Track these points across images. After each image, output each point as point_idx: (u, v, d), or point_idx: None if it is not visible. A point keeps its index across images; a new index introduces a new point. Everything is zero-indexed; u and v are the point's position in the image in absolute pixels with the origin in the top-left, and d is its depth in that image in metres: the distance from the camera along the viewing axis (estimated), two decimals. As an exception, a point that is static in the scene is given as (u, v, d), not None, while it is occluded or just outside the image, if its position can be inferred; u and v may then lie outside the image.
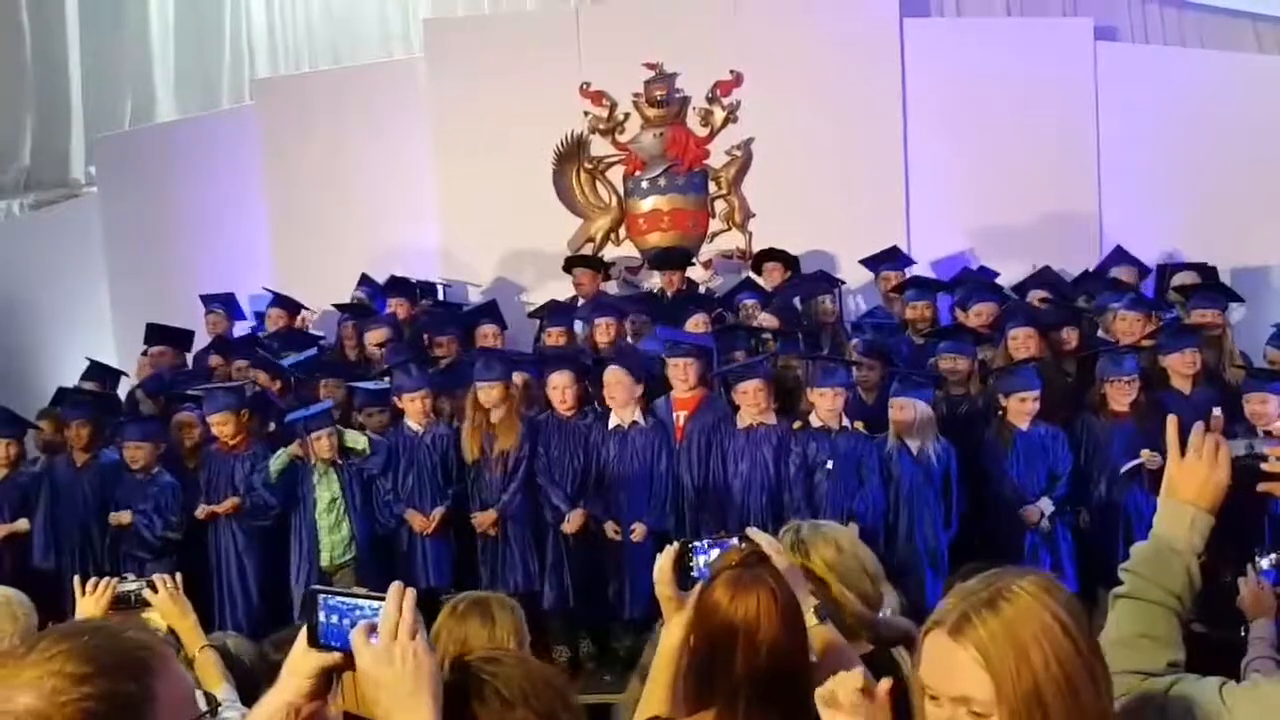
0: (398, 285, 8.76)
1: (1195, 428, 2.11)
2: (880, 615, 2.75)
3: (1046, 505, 6.19)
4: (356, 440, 6.64)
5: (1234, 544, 3.49)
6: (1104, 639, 2.06)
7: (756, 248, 9.14)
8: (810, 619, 2.42)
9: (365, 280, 8.94)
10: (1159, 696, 1.96)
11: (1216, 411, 6.03)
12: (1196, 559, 2.06)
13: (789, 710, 2.28)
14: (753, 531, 2.54)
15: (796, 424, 6.23)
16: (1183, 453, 2.11)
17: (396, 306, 8.57)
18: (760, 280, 8.64)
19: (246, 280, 9.18)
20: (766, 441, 6.24)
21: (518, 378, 6.90)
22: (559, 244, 9.39)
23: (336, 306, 8.72)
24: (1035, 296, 7.79)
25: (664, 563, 2.50)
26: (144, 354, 8.45)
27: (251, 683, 3.26)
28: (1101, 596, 6.11)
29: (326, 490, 6.57)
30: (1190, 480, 2.09)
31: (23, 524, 6.84)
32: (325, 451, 6.54)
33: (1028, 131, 8.92)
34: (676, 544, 2.56)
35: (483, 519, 6.54)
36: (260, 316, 9.00)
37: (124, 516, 6.61)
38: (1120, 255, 8.27)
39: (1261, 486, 2.15)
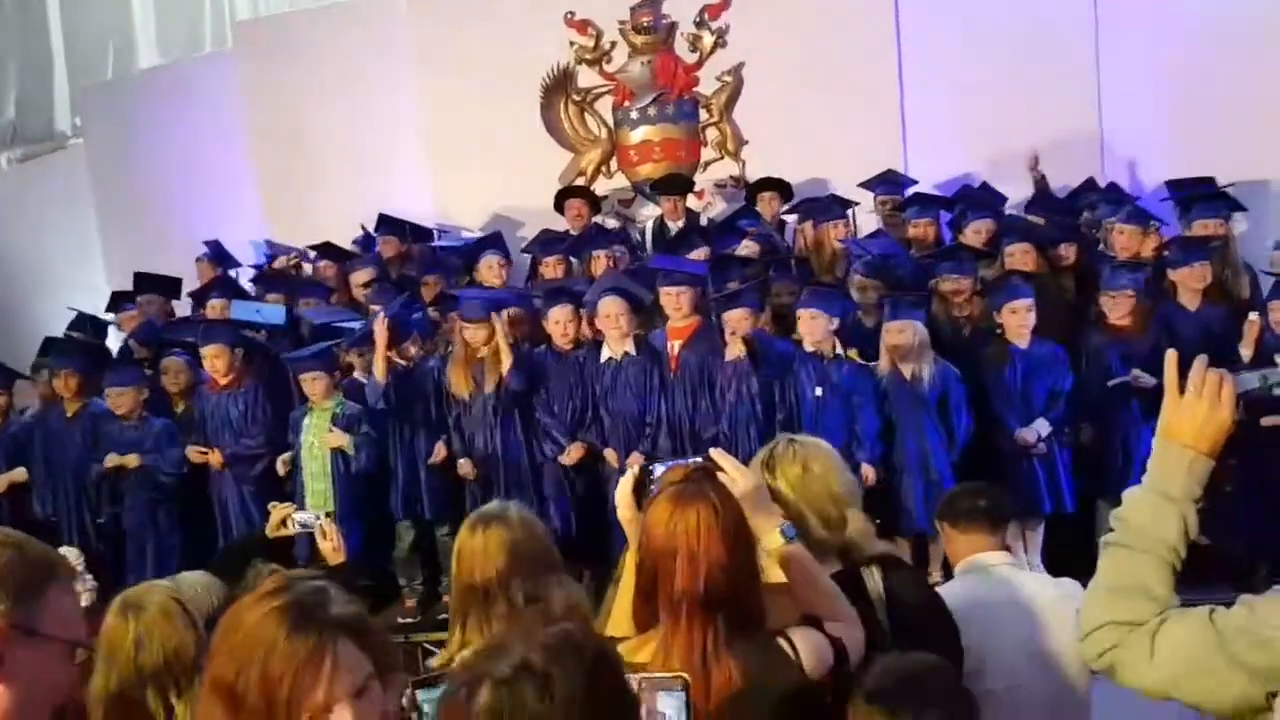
0: (386, 223, 8.65)
1: (1196, 363, 1.94)
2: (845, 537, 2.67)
3: (1043, 426, 6.10)
4: (340, 440, 6.48)
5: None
6: (1091, 588, 1.99)
7: (751, 175, 8.98)
8: (775, 539, 2.36)
9: (366, 234, 8.84)
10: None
11: (1253, 316, 5.95)
12: (1193, 505, 1.92)
13: (734, 630, 2.24)
14: (716, 453, 2.47)
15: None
16: (1182, 390, 1.94)
17: (385, 245, 8.45)
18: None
19: (236, 225, 9.09)
20: (752, 373, 6.12)
21: (505, 313, 6.81)
22: (551, 179, 9.23)
23: (312, 248, 8.62)
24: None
25: (624, 485, 2.48)
26: (110, 309, 8.35)
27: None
28: (1102, 510, 6.16)
29: (315, 435, 6.50)
30: (1189, 421, 1.92)
31: (20, 473, 6.88)
32: (318, 393, 6.47)
33: (1025, 48, 8.69)
34: (637, 466, 2.52)
35: (466, 468, 6.51)
36: (269, 258, 8.91)
37: (130, 460, 6.56)
38: (1115, 189, 8.04)
39: (1266, 420, 2.01)
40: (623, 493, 2.48)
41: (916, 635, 2.51)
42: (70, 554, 3.26)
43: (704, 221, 8.76)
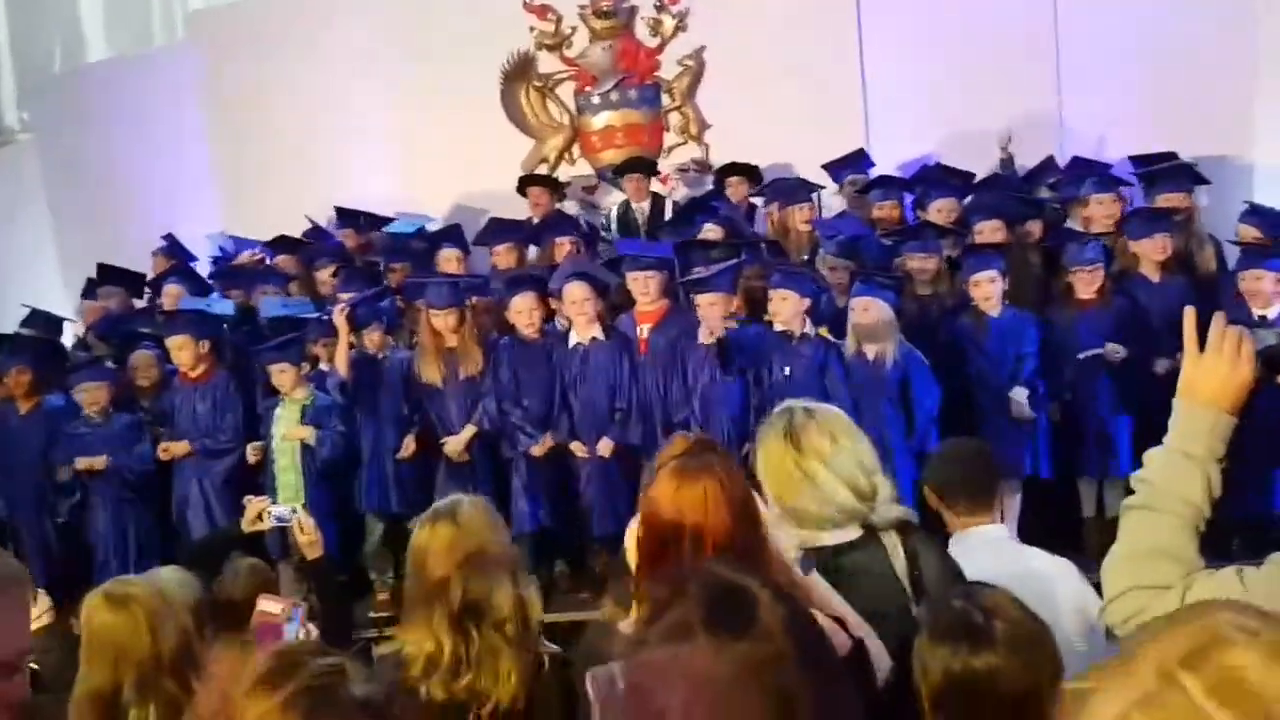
0: (343, 216, 8.55)
1: (1215, 319, 1.92)
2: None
3: (1020, 393, 6.09)
4: (302, 433, 6.39)
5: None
6: (1113, 553, 1.95)
7: (714, 160, 8.92)
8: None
9: (314, 225, 8.70)
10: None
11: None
12: (1217, 464, 1.89)
13: None
14: None
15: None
16: (1201, 347, 1.92)
17: (344, 237, 8.35)
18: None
19: (193, 220, 8.92)
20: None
21: (472, 301, 6.73)
22: (513, 166, 9.13)
23: (267, 244, 8.48)
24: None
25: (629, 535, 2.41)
26: (85, 296, 8.20)
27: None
28: (1081, 488, 6.14)
29: (283, 427, 6.42)
30: (1209, 379, 1.90)
31: (-27, 473, 6.69)
32: (286, 385, 6.39)
33: (985, 29, 8.69)
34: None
35: (455, 442, 6.38)
36: (229, 255, 8.76)
37: (96, 462, 6.41)
38: (1080, 165, 8.06)
39: None
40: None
41: (938, 599, 2.43)
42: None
43: (669, 207, 8.69)
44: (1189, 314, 1.94)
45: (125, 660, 2.50)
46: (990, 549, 3.22)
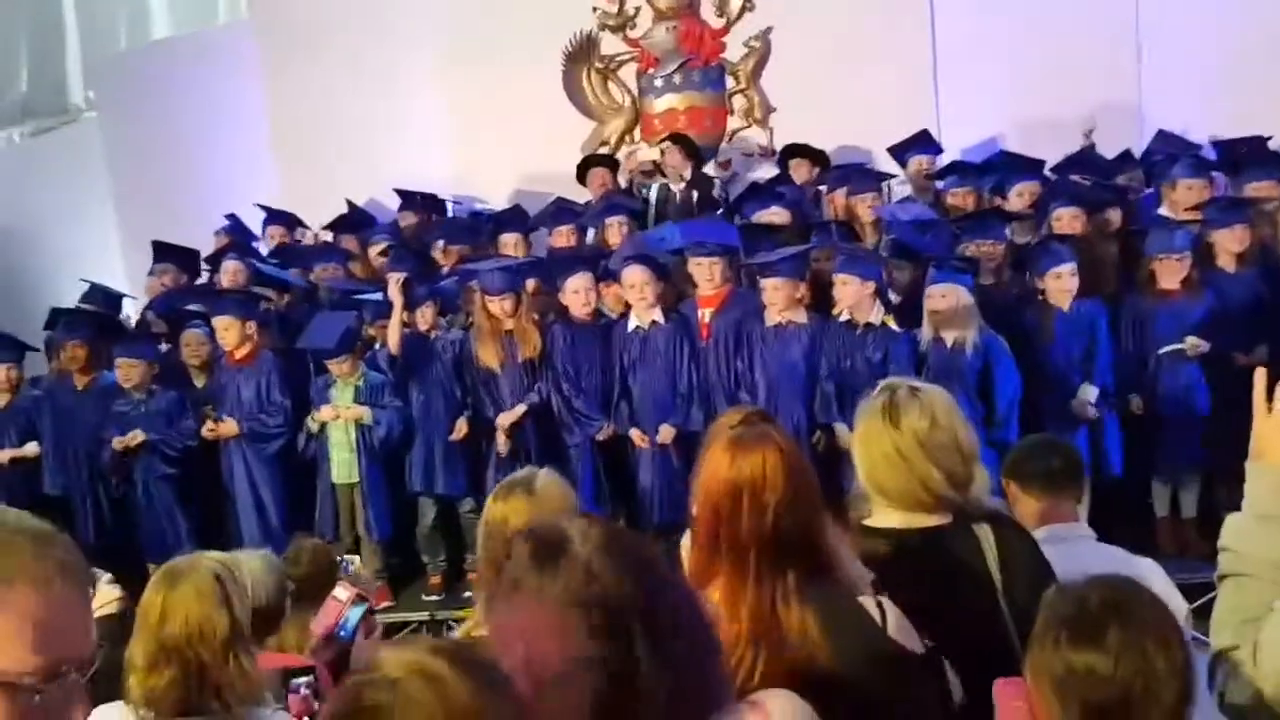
0: (403, 197, 8.48)
1: None
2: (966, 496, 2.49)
3: (1090, 393, 5.88)
4: (357, 413, 6.32)
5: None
6: (1216, 619, 1.93)
7: (779, 144, 8.73)
8: None
9: (352, 207, 8.64)
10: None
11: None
12: None
13: (805, 576, 2.04)
14: None
15: (836, 309, 5.90)
16: (1270, 405, 1.87)
17: (403, 218, 8.29)
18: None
19: (254, 198, 8.88)
20: (795, 340, 5.93)
21: (529, 284, 6.60)
22: (574, 149, 9.01)
23: (325, 227, 8.44)
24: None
25: None
26: (150, 274, 8.22)
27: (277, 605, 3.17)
28: (1155, 486, 5.90)
29: (340, 402, 6.36)
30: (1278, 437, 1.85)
31: (31, 448, 6.70)
32: (344, 374, 6.35)
33: (1062, 9, 8.41)
34: None
35: (506, 416, 6.26)
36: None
37: (133, 438, 6.38)
38: (1164, 139, 7.77)
39: None
40: None
41: (1028, 597, 2.30)
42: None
43: (717, 189, 8.46)
44: (1259, 376, 1.91)
45: (140, 635, 2.45)
46: (1072, 547, 3.04)
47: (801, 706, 1.73)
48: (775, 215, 7.11)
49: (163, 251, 8.22)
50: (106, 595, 2.99)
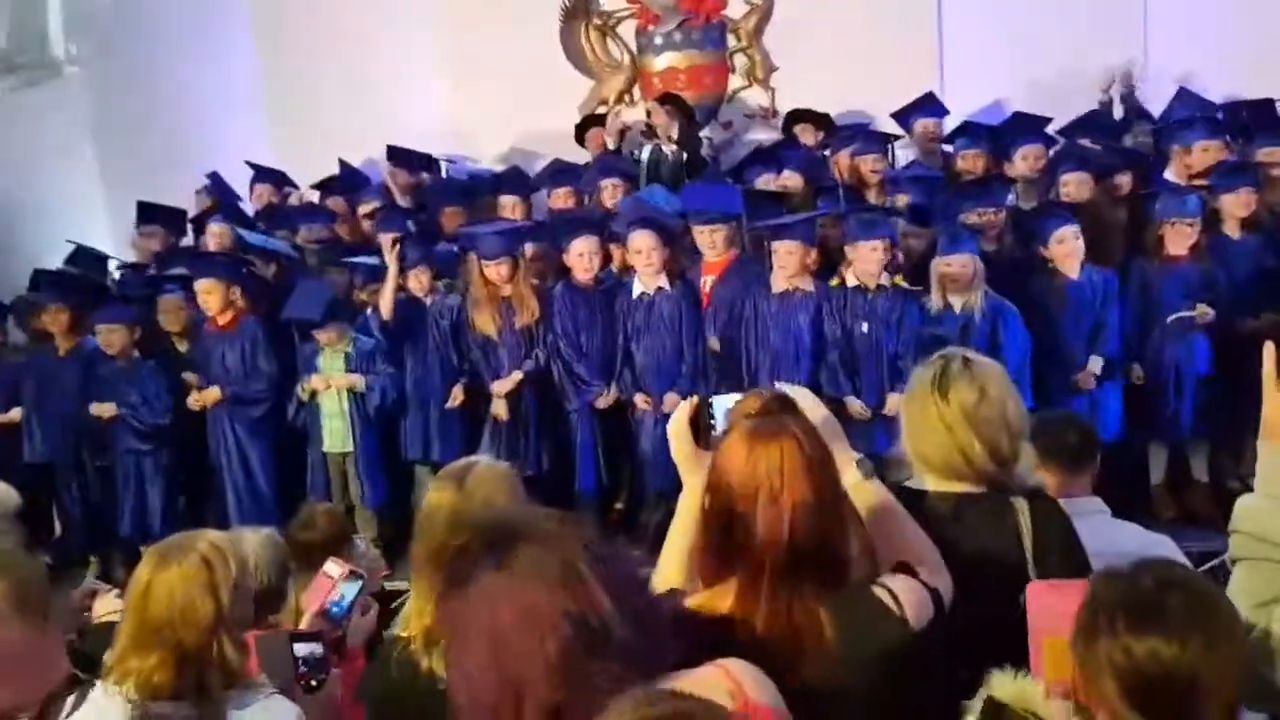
0: (395, 155, 8.26)
1: None
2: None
3: (1096, 364, 5.81)
4: (349, 381, 6.18)
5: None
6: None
7: (781, 105, 8.58)
8: (852, 475, 2.18)
9: (344, 166, 8.44)
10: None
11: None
12: None
13: (823, 580, 1.98)
14: (782, 385, 2.29)
15: (834, 280, 5.79)
16: None
17: (394, 176, 8.09)
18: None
19: (244, 153, 8.68)
20: (802, 309, 5.81)
21: (527, 248, 6.46)
22: (572, 107, 8.85)
23: (313, 186, 8.24)
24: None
25: (680, 416, 2.23)
26: (138, 234, 8.03)
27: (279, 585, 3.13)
28: (1154, 453, 5.88)
29: (328, 371, 6.22)
30: None
31: (15, 413, 6.57)
32: (331, 342, 6.19)
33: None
34: (695, 398, 2.29)
35: (501, 385, 6.13)
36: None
37: (106, 409, 6.25)
38: (1185, 100, 7.61)
39: None
40: (679, 427, 2.22)
41: (1058, 572, 2.28)
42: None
43: (706, 149, 8.27)
44: (1269, 351, 1.86)
45: (127, 613, 2.42)
46: (1088, 522, 2.96)
47: (765, 678, 1.71)
48: (789, 180, 6.98)
49: (149, 212, 8.00)
50: (110, 605, 2.95)
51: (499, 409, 6.14)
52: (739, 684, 1.65)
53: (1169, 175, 6.68)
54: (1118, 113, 8.08)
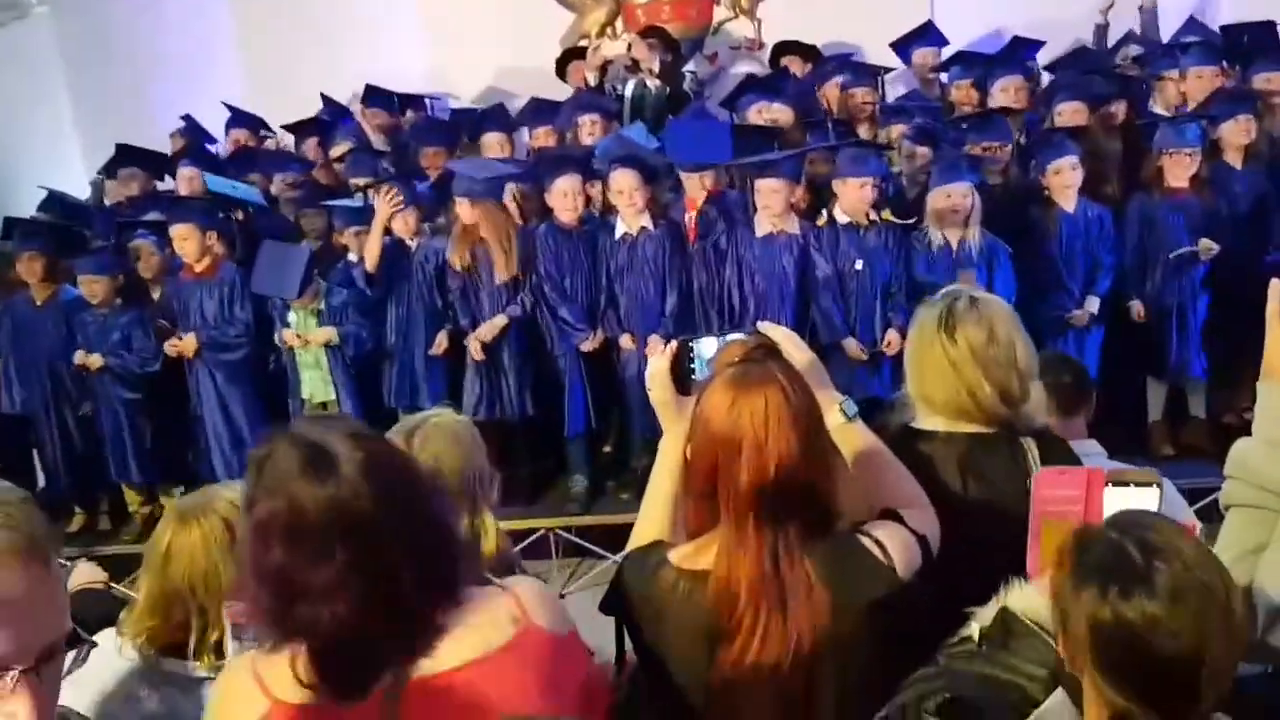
0: (373, 95, 8.04)
1: None
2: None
3: (1093, 304, 5.73)
4: (323, 336, 6.03)
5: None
6: (1220, 556, 1.70)
7: (767, 37, 8.36)
8: (836, 417, 2.12)
9: (327, 101, 8.21)
10: None
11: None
12: None
13: (809, 531, 1.95)
14: (765, 325, 2.23)
15: (820, 219, 5.65)
16: None
17: (373, 118, 7.87)
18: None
19: (219, 94, 8.47)
20: (787, 251, 5.67)
21: (510, 189, 6.26)
22: (553, 42, 8.62)
23: (285, 128, 8.02)
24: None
25: (660, 362, 2.17)
26: (106, 176, 7.81)
27: None
28: (1152, 388, 5.78)
29: (301, 327, 6.06)
30: None
31: (-8, 362, 6.44)
32: (298, 304, 6.03)
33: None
34: (675, 341, 2.21)
35: (484, 330, 5.97)
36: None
37: (93, 360, 6.14)
38: (1194, 28, 7.39)
39: None
40: (658, 371, 2.16)
41: None
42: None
43: (689, 83, 8.05)
44: (1274, 289, 1.79)
45: (145, 572, 2.36)
46: (1087, 464, 2.90)
47: (554, 601, 1.77)
48: (780, 113, 6.79)
49: (127, 155, 7.80)
50: (85, 575, 2.86)
51: (474, 349, 5.99)
52: (523, 607, 1.69)
53: (1156, 105, 6.53)
54: (1113, 38, 7.88)
